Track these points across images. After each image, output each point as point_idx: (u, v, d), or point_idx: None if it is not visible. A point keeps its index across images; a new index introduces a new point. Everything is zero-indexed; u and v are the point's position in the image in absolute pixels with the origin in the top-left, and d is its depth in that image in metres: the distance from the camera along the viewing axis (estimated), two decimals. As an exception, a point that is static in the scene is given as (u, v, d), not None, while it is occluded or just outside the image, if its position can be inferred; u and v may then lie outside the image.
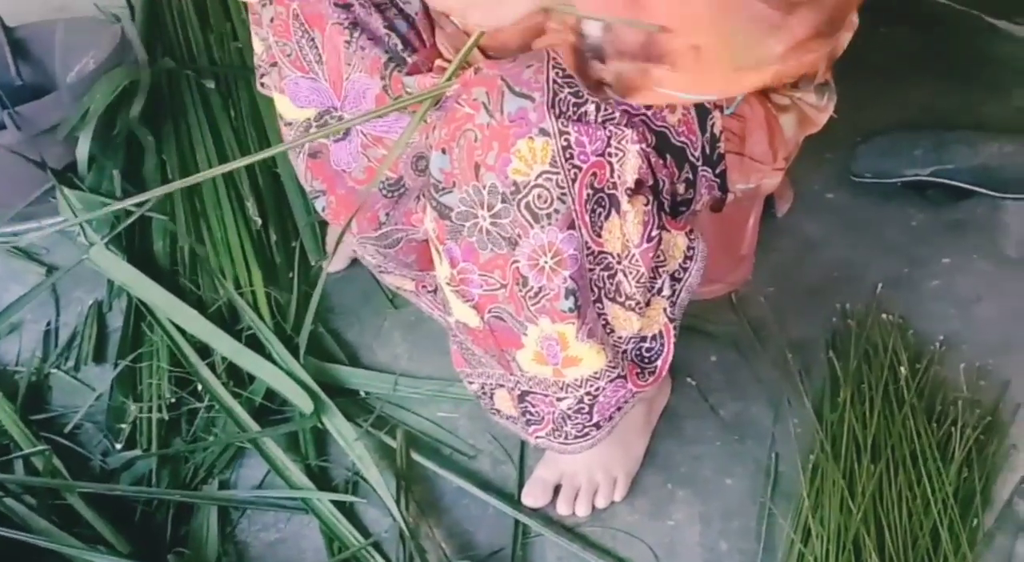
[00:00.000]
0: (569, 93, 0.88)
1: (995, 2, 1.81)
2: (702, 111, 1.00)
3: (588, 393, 1.03)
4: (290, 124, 1.10)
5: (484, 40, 0.89)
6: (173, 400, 1.35)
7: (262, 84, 1.25)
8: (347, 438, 1.29)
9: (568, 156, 0.88)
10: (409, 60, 0.99)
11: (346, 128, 1.06)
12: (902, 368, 1.28)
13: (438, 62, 0.97)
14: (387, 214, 1.11)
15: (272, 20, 1.07)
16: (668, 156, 0.97)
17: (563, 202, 0.89)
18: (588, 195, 0.90)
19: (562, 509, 1.22)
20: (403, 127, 1.03)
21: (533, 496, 1.23)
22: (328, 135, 1.06)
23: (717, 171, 1.03)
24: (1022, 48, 1.77)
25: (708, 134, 1.00)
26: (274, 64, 1.09)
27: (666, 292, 1.00)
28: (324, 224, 1.54)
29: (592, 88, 0.83)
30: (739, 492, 1.24)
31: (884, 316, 1.37)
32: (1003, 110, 1.67)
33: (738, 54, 0.77)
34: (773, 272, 1.46)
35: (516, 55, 0.92)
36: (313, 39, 1.04)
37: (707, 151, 1.01)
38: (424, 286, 1.24)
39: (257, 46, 1.20)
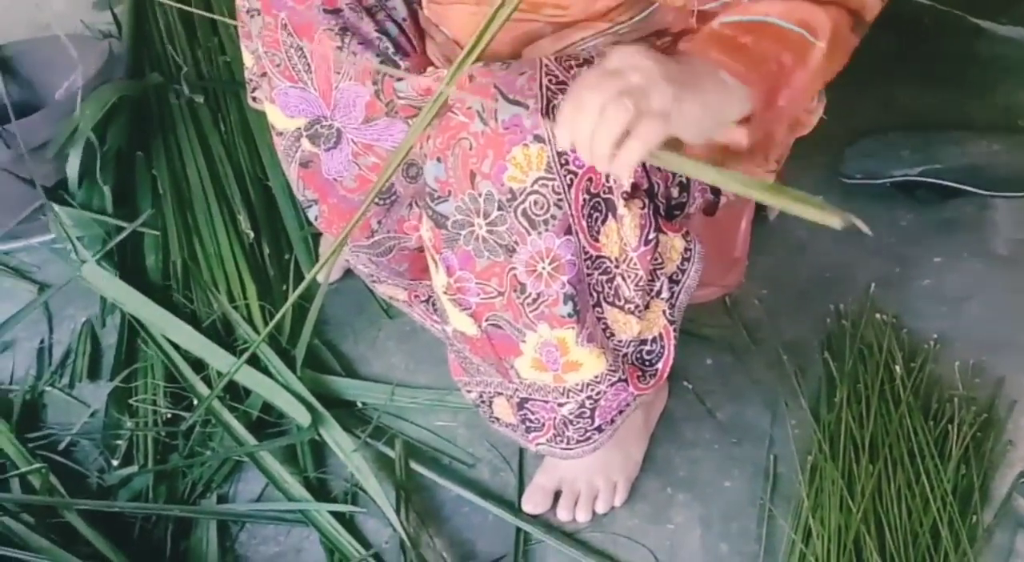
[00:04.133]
0: (563, 99, 0.89)
1: (979, 3, 1.83)
2: (694, 115, 1.00)
3: (589, 397, 1.03)
4: (281, 133, 1.10)
5: None
6: (169, 416, 1.35)
7: (254, 98, 1.25)
8: (345, 449, 1.29)
9: (563, 162, 0.88)
10: (401, 65, 0.99)
11: (337, 137, 1.06)
12: (897, 367, 1.29)
13: (430, 69, 0.97)
14: (379, 222, 1.11)
15: (260, 31, 1.07)
16: (662, 160, 0.97)
17: (559, 207, 0.89)
18: (584, 200, 0.90)
19: (562, 515, 1.22)
20: (394, 134, 1.03)
21: (533, 503, 1.23)
22: (321, 144, 1.07)
23: (710, 174, 1.03)
24: (1006, 48, 1.78)
25: (701, 137, 1.01)
26: (264, 74, 1.09)
27: (665, 294, 1.00)
28: (317, 236, 1.54)
29: None
30: (738, 494, 1.24)
31: (877, 316, 1.38)
32: (989, 109, 1.68)
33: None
34: (766, 274, 1.47)
35: (508, 62, 0.92)
36: (302, 49, 1.04)
37: (700, 154, 1.01)
38: (417, 296, 1.24)
39: (247, 59, 1.20)
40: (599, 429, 1.07)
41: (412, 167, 1.06)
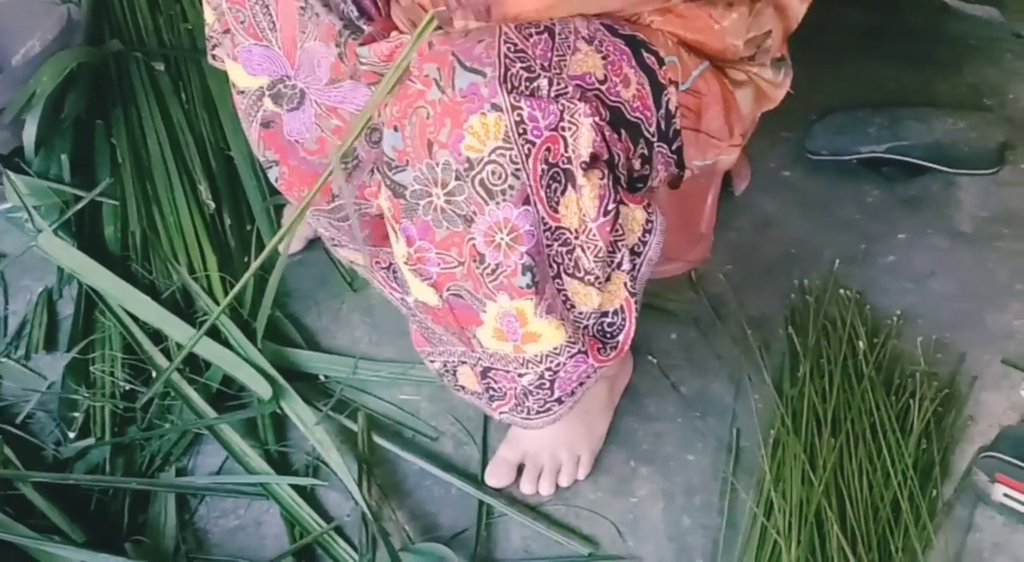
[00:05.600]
0: (521, 68, 0.88)
1: (946, -20, 1.83)
2: (656, 87, 0.99)
3: (548, 368, 1.03)
4: (243, 92, 1.08)
5: None
6: (127, 388, 1.33)
7: (213, 56, 1.22)
8: (307, 423, 1.28)
9: (521, 131, 0.87)
10: (365, 28, 0.98)
11: (300, 97, 1.04)
12: (860, 342, 1.29)
13: (394, 34, 0.96)
14: (340, 187, 1.09)
15: None
16: (623, 131, 0.96)
17: (517, 178, 0.88)
18: (543, 170, 0.89)
19: (526, 488, 1.22)
20: (358, 97, 1.02)
21: (496, 476, 1.23)
22: (284, 104, 1.05)
23: (673, 147, 1.03)
24: (973, 26, 1.78)
25: (663, 110, 1.00)
26: (227, 31, 1.07)
27: (626, 266, 1.00)
28: (280, 207, 1.52)
29: None
30: (701, 468, 1.24)
31: (842, 291, 1.38)
32: (956, 87, 1.68)
33: None
34: (732, 249, 1.47)
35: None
36: (267, 6, 1.02)
37: (663, 127, 1.00)
38: (377, 262, 1.23)
39: (208, 16, 1.18)
40: (559, 401, 1.07)
41: (375, 132, 1.04)
